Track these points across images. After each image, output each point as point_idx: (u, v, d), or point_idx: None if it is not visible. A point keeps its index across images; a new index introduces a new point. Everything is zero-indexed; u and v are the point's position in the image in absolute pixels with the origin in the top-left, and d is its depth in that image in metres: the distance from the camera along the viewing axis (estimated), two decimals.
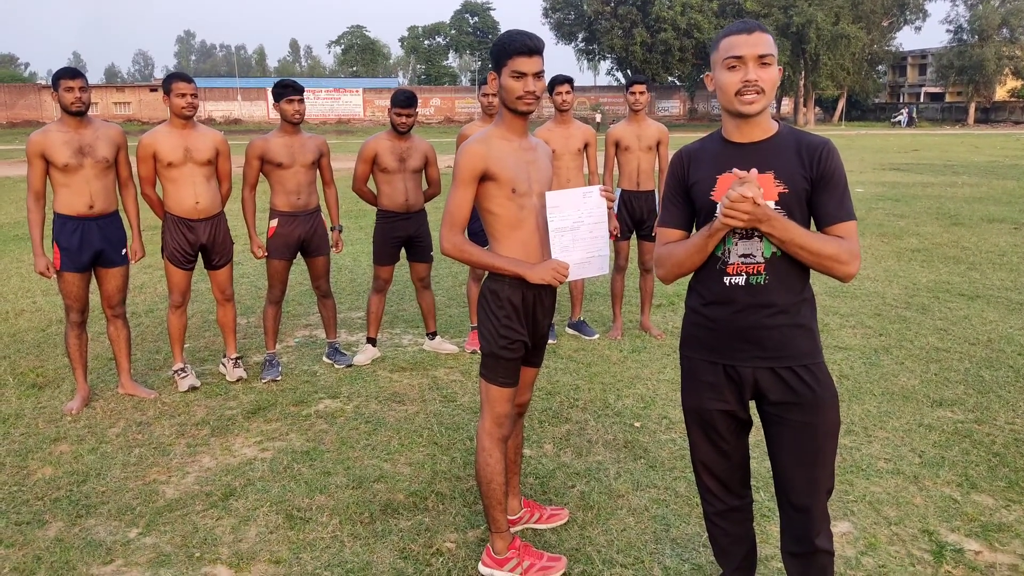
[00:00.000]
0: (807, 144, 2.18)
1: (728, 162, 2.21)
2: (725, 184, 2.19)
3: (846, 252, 2.12)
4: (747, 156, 2.19)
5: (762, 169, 2.14)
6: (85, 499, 3.52)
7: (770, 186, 2.15)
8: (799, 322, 2.22)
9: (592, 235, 2.75)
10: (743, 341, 2.24)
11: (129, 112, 56.85)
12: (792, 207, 2.15)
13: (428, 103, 62.35)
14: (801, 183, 2.15)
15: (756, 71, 2.12)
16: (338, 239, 5.37)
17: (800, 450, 2.24)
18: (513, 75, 2.65)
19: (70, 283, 4.48)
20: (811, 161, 2.16)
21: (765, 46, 2.12)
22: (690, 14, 53.03)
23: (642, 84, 5.69)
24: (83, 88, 4.33)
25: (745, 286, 2.21)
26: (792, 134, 2.23)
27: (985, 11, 57.52)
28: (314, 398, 4.75)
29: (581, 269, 2.76)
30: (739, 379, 2.27)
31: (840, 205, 2.16)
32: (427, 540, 3.16)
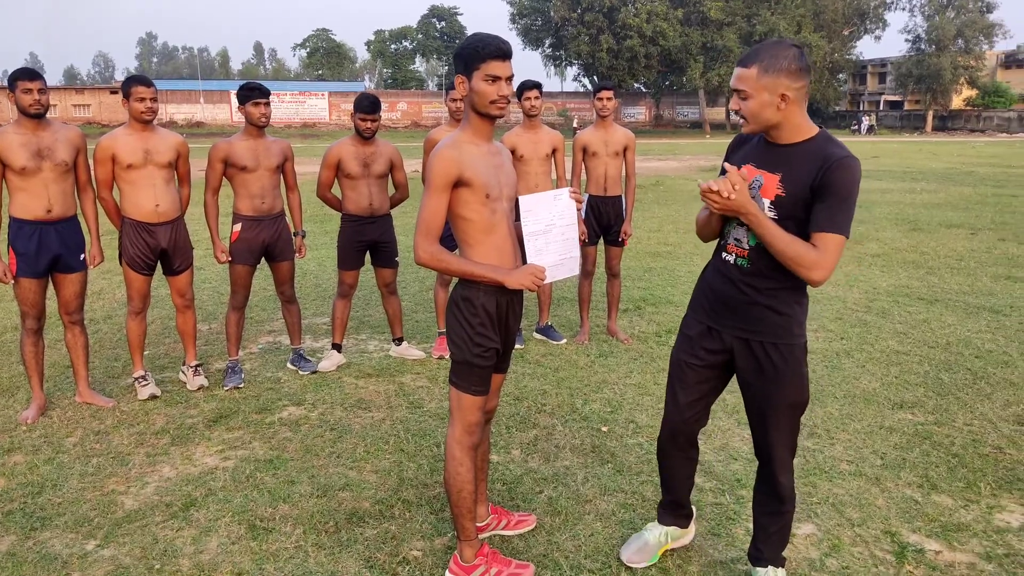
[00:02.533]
0: (825, 155, 2.33)
1: (756, 156, 2.50)
2: (749, 171, 2.49)
3: (809, 258, 2.30)
4: (770, 155, 2.46)
5: (774, 169, 2.41)
6: (40, 511, 3.42)
7: (772, 187, 2.41)
8: (775, 306, 2.49)
9: (564, 237, 2.78)
10: (726, 310, 2.59)
11: (89, 114, 55.82)
12: (787, 210, 2.38)
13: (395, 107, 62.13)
14: (804, 190, 2.33)
15: (736, 103, 2.44)
16: (301, 244, 5.31)
17: (759, 414, 2.62)
18: (487, 79, 2.62)
19: (26, 289, 4.36)
20: (820, 171, 2.31)
21: (738, 81, 2.39)
22: (655, 21, 53.50)
23: (609, 90, 5.72)
24: (42, 90, 4.23)
25: (735, 265, 2.54)
26: (822, 143, 2.38)
27: (941, 22, 58.96)
28: (278, 405, 4.69)
29: (555, 271, 2.78)
30: (720, 341, 2.63)
31: (828, 216, 2.30)
32: (393, 548, 3.13)
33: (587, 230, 5.84)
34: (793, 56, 2.31)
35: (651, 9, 54.17)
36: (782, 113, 2.36)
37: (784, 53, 2.32)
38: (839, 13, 57.18)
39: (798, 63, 2.32)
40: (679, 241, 10.48)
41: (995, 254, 9.46)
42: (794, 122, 2.39)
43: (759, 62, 2.32)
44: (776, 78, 2.31)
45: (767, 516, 2.75)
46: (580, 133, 5.88)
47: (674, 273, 8.33)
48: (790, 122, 2.39)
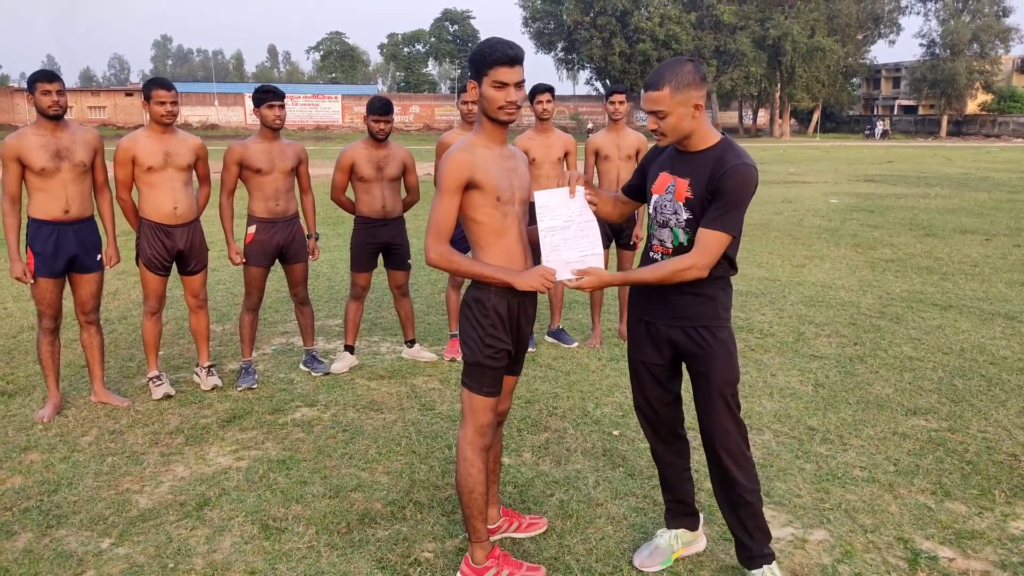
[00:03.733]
0: (720, 162, 2.59)
1: (670, 164, 2.75)
2: (661, 181, 2.76)
3: (683, 264, 2.60)
4: (680, 161, 2.72)
5: (684, 175, 2.68)
6: (56, 509, 3.46)
7: (683, 190, 2.67)
8: (701, 292, 2.71)
9: (583, 234, 2.72)
10: (660, 305, 2.79)
11: (104, 116, 56.25)
12: (696, 209, 2.64)
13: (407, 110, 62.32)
14: (704, 192, 2.61)
15: (654, 123, 2.65)
16: (315, 247, 5.34)
17: (700, 396, 2.78)
18: (495, 85, 2.63)
19: (44, 289, 4.41)
20: (714, 176, 2.58)
21: (653, 103, 2.59)
22: (668, 25, 53.46)
23: (622, 94, 5.73)
24: (60, 91, 4.27)
25: (662, 262, 2.73)
26: (721, 151, 2.62)
27: (956, 26, 58.61)
28: (291, 406, 4.71)
29: (573, 268, 2.70)
30: (657, 335, 2.83)
31: (714, 216, 2.58)
32: (405, 550, 3.14)
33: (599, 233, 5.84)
34: (693, 69, 2.55)
35: (664, 13, 54.15)
36: (696, 122, 2.60)
37: (686, 69, 2.54)
38: (853, 17, 56.96)
39: (699, 74, 2.56)
40: None
41: (1010, 260, 9.39)
42: (703, 129, 2.64)
43: (669, 82, 2.53)
44: (687, 92, 2.54)
45: (736, 510, 2.82)
46: (592, 136, 5.89)
47: None
48: (700, 129, 2.63)
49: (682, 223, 2.68)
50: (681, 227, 2.68)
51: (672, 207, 2.69)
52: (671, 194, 2.68)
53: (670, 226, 2.72)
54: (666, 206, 2.71)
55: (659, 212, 2.75)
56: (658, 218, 2.76)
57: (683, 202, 2.65)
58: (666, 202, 2.71)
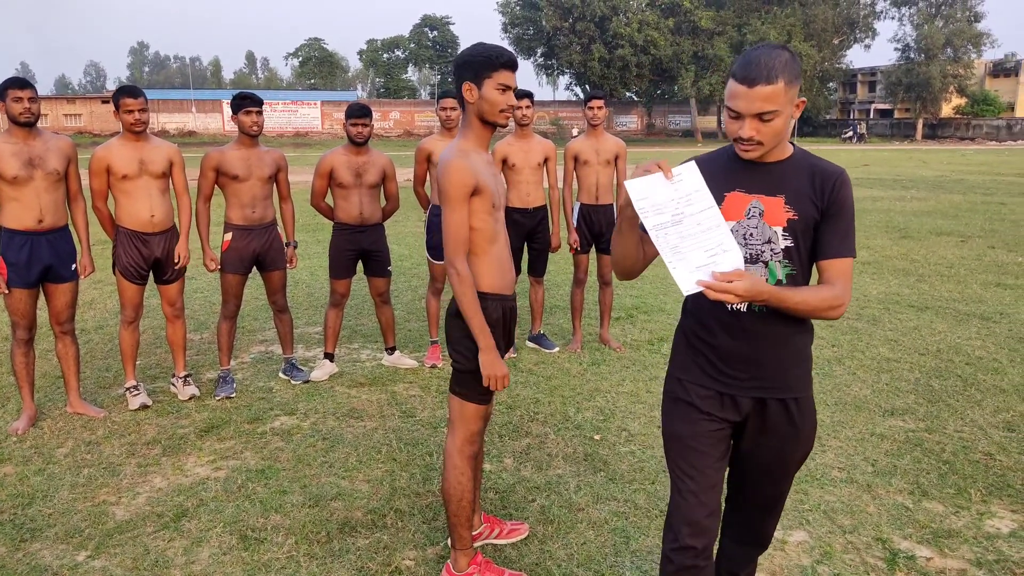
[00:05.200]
0: (821, 171, 2.11)
1: (738, 180, 2.15)
2: (733, 203, 2.14)
3: (831, 299, 2.05)
4: (758, 176, 2.13)
5: (773, 192, 2.11)
6: (30, 522, 3.40)
7: (779, 211, 2.10)
8: (797, 354, 2.20)
9: (705, 227, 2.05)
10: (744, 368, 2.18)
11: (80, 124, 55.67)
12: (798, 235, 2.10)
13: (387, 116, 62.20)
14: (811, 211, 2.09)
15: (754, 127, 2.03)
16: (293, 255, 5.31)
17: (763, 471, 2.29)
18: (499, 88, 2.63)
19: (18, 300, 4.35)
20: (823, 189, 2.09)
21: (767, 101, 1.99)
22: (647, 31, 53.76)
23: (600, 99, 5.75)
24: (32, 99, 4.23)
25: (748, 313, 2.14)
26: (806, 159, 2.15)
27: (930, 31, 59.43)
28: (270, 415, 4.68)
29: (706, 271, 2.01)
30: (735, 407, 2.20)
31: (843, 239, 2.09)
32: (385, 558, 3.12)
33: (579, 238, 5.86)
34: (792, 57, 2.04)
35: (642, 19, 54.45)
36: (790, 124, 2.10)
37: (789, 57, 2.02)
38: (829, 23, 57.55)
39: (799, 64, 2.06)
40: None
41: (985, 261, 9.51)
42: (786, 136, 2.11)
43: (783, 74, 1.98)
44: (797, 87, 2.04)
45: (742, 564, 2.53)
46: (571, 142, 5.91)
47: (666, 281, 8.34)
48: (787, 137, 2.12)
49: (779, 254, 2.12)
50: (778, 260, 2.12)
51: (763, 235, 2.12)
52: (757, 218, 2.13)
53: (762, 260, 2.13)
54: (752, 235, 2.13)
55: (743, 244, 2.13)
56: (743, 250, 2.12)
57: (784, 226, 2.10)
58: (751, 229, 2.13)
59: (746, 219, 2.13)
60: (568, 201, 5.92)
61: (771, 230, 2.11)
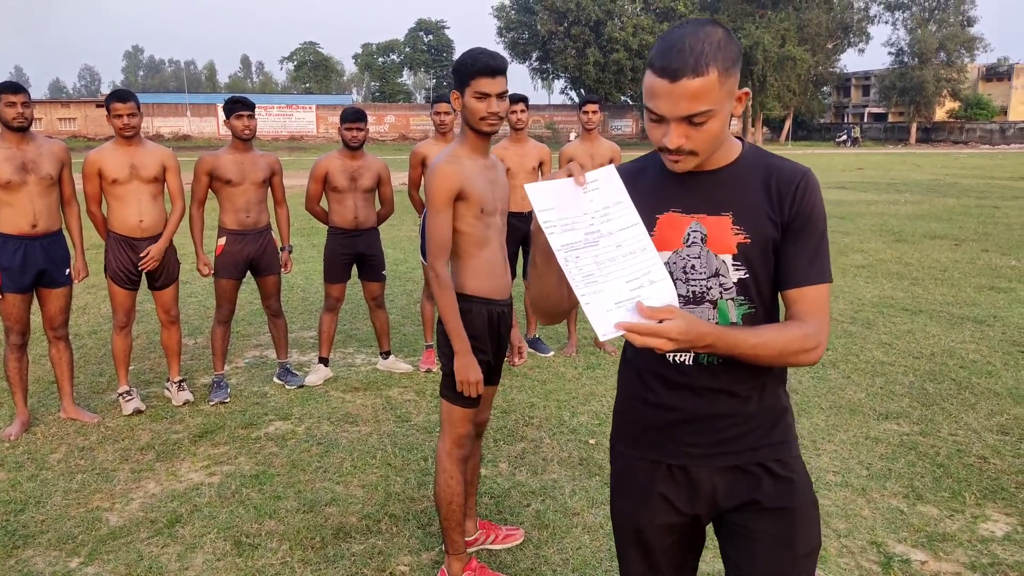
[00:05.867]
0: (779, 174, 1.63)
1: (672, 196, 1.67)
2: (668, 228, 1.66)
3: (803, 339, 1.57)
4: (697, 189, 1.65)
5: (717, 209, 1.63)
6: (23, 529, 3.39)
7: (726, 233, 1.62)
8: (769, 405, 1.70)
9: (624, 251, 1.54)
10: (695, 433, 1.68)
11: (75, 128, 55.53)
12: (754, 262, 1.62)
13: (382, 120, 62.14)
14: (767, 228, 1.61)
15: (681, 134, 1.55)
16: (287, 260, 5.30)
17: (771, 571, 1.66)
18: (476, 96, 2.65)
19: (11, 304, 4.33)
20: (783, 197, 1.61)
21: (696, 100, 1.51)
22: (641, 35, 53.88)
23: (595, 103, 5.77)
24: (25, 103, 4.22)
25: (695, 365, 1.66)
26: (759, 159, 1.67)
27: (923, 35, 59.70)
28: (264, 420, 4.66)
29: (628, 308, 1.48)
30: (690, 483, 1.71)
31: (813, 261, 1.60)
32: (380, 564, 3.11)
33: None
34: (727, 37, 1.55)
35: (637, 23, 54.60)
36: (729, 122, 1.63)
37: (724, 35, 1.54)
38: (823, 27, 57.74)
39: (737, 47, 1.58)
40: None
41: (978, 265, 9.54)
42: (727, 134, 1.63)
43: (717, 60, 1.50)
44: (735, 75, 1.56)
45: None
46: (566, 146, 5.92)
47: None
48: (727, 136, 1.64)
49: (731, 289, 1.63)
50: (731, 297, 1.63)
51: (709, 266, 1.63)
52: (699, 245, 1.64)
53: (708, 300, 1.64)
54: (694, 267, 1.64)
55: (683, 280, 1.65)
56: (678, 289, 1.63)
57: (732, 254, 1.62)
58: (692, 261, 1.64)
59: (685, 247, 1.65)
60: None
61: (718, 259, 1.63)
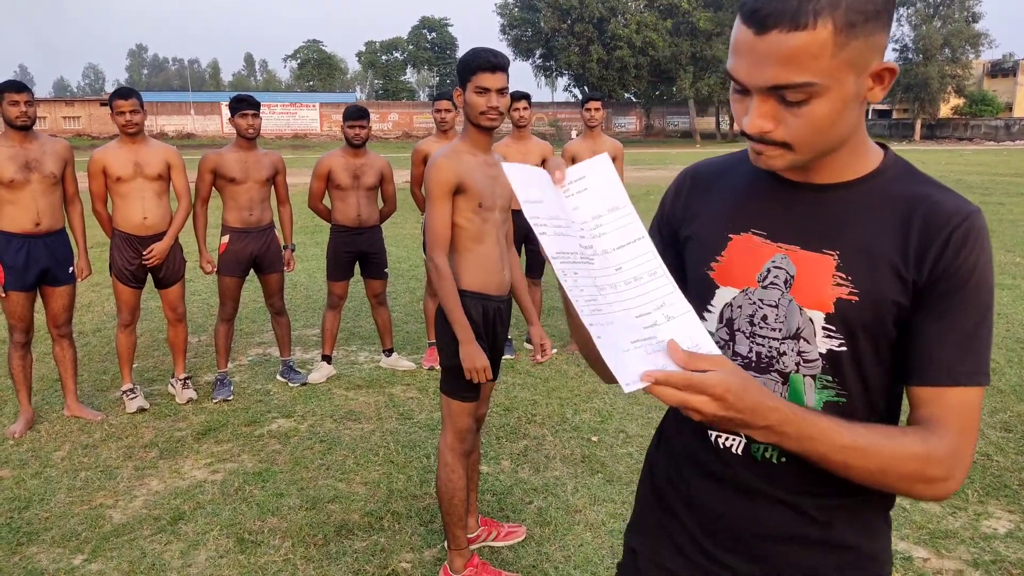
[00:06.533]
0: (929, 211, 1.12)
1: (755, 211, 1.18)
2: (740, 254, 1.17)
3: (933, 461, 1.06)
4: (794, 208, 1.15)
5: (817, 242, 1.11)
6: (27, 526, 3.40)
7: (822, 281, 1.10)
8: (854, 543, 1.18)
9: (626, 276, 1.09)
10: (734, 552, 1.21)
11: (79, 127, 55.66)
12: (856, 328, 1.09)
13: (386, 118, 62.18)
14: (890, 287, 1.08)
15: (770, 116, 1.06)
16: (290, 258, 5.31)
17: None
18: (477, 91, 2.70)
19: (15, 303, 4.35)
20: (927, 246, 1.08)
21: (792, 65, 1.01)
22: (645, 32, 53.80)
23: (597, 101, 5.77)
24: (29, 102, 4.23)
25: (745, 457, 1.18)
26: (905, 182, 1.16)
27: (928, 32, 59.50)
28: (267, 418, 4.67)
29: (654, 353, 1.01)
30: None
31: (963, 350, 1.07)
32: (382, 561, 3.12)
33: None
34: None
35: (640, 20, 54.50)
36: (860, 112, 1.10)
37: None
38: None
39: None
40: None
41: None
42: (860, 136, 1.14)
43: (833, 8, 0.98)
44: (870, 36, 1.02)
45: None
46: (569, 143, 5.93)
47: None
48: (859, 133, 1.13)
49: (814, 363, 1.14)
50: (812, 373, 1.14)
51: (788, 321, 1.15)
52: (781, 289, 1.15)
53: (776, 369, 1.16)
54: (766, 319, 1.16)
55: (747, 334, 1.19)
56: (738, 346, 1.20)
57: (828, 312, 1.12)
58: (765, 309, 1.17)
59: (760, 287, 1.15)
60: None
61: (803, 315, 1.12)
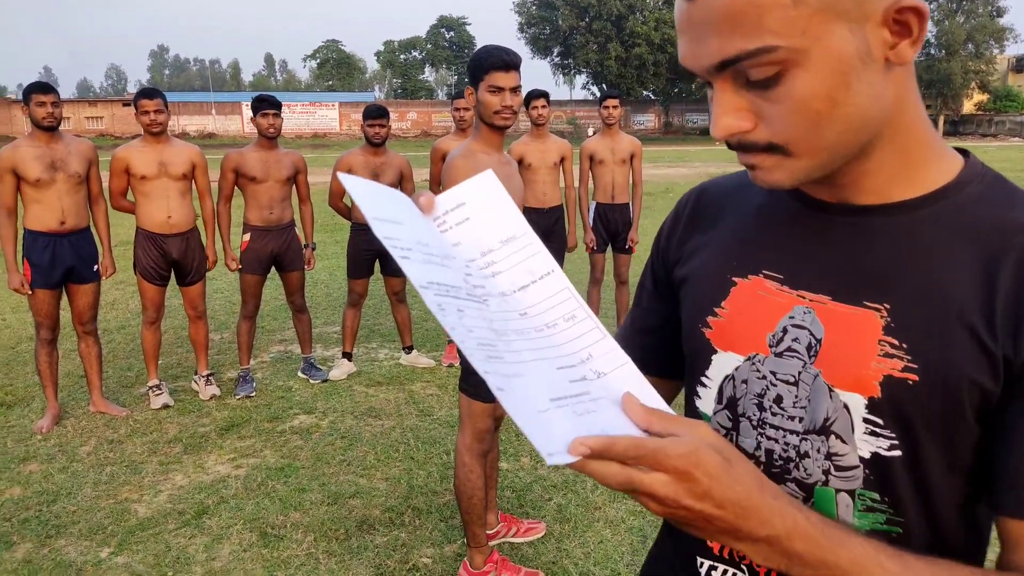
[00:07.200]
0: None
1: (769, 245, 0.87)
2: (746, 305, 0.86)
3: None
4: (829, 244, 0.83)
5: (856, 292, 0.79)
6: (55, 519, 3.46)
7: (864, 348, 0.77)
8: None
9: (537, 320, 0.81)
10: None
11: (102, 127, 56.31)
12: (915, 422, 0.75)
13: (405, 117, 62.39)
14: (971, 361, 0.73)
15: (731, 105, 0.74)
16: (311, 256, 5.36)
17: None
18: (490, 90, 2.68)
19: (41, 300, 4.42)
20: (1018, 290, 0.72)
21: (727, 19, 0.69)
22: (664, 29, 53.59)
23: (615, 98, 5.76)
24: (55, 103, 4.30)
25: None
26: (990, 204, 0.83)
27: (951, 27, 58.79)
28: (289, 414, 4.72)
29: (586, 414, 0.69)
30: None
31: None
32: (403, 556, 3.14)
33: (596, 238, 5.87)
34: None
35: (659, 17, 54.28)
36: (885, 87, 0.74)
37: None
38: None
39: None
40: None
41: None
42: (918, 131, 0.83)
43: None
44: None
45: None
46: (587, 141, 5.93)
47: None
48: (912, 127, 0.81)
49: (854, 476, 0.77)
50: (849, 490, 0.78)
51: (813, 407, 0.79)
52: (802, 356, 0.80)
53: (794, 480, 0.81)
54: (780, 401, 0.82)
55: (754, 422, 0.85)
56: (742, 439, 0.86)
57: (872, 396, 0.74)
58: (779, 387, 0.82)
59: (772, 354, 0.83)
60: (584, 200, 5.93)
61: (835, 399, 0.79)
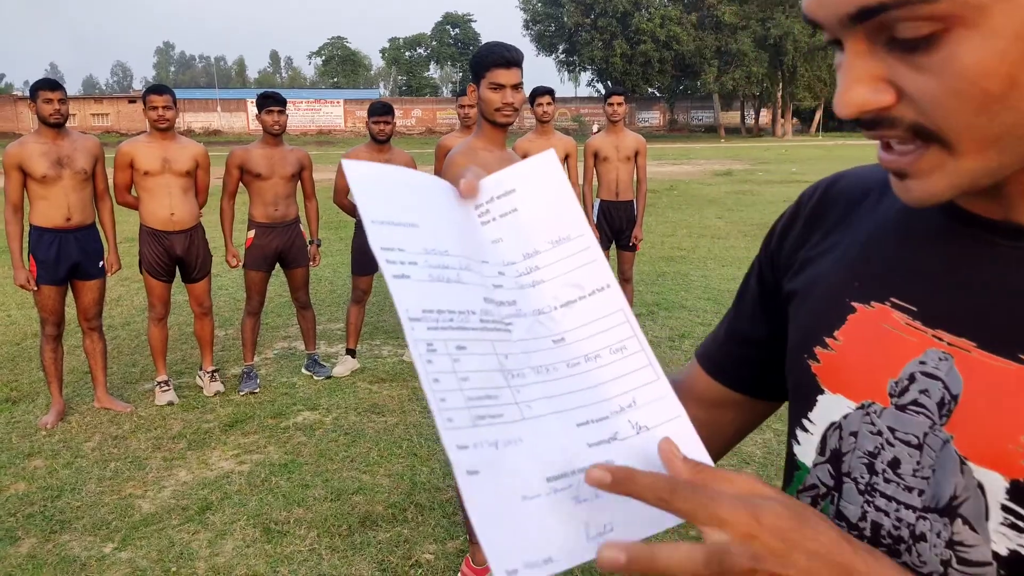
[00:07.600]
0: None
1: (904, 268, 0.63)
2: (865, 341, 0.62)
3: None
4: (980, 275, 0.57)
5: (1011, 341, 0.53)
6: (59, 514, 3.48)
7: (1010, 415, 0.52)
8: None
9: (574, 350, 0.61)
10: None
11: (108, 123, 56.46)
12: None
13: (409, 114, 62.41)
14: None
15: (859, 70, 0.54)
16: (316, 253, 5.37)
17: None
18: (491, 87, 2.68)
19: (46, 296, 4.44)
20: None
21: None
22: (669, 26, 53.51)
23: (620, 95, 5.76)
24: (62, 100, 4.32)
25: None
26: None
27: None
28: (293, 410, 4.73)
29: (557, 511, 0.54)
30: None
31: None
32: (406, 552, 3.15)
33: (599, 235, 5.87)
34: None
35: (664, 14, 54.22)
36: None
37: None
38: None
39: None
40: (692, 246, 10.46)
41: None
42: None
43: None
44: None
45: None
46: (591, 138, 5.93)
47: (687, 278, 8.32)
48: None
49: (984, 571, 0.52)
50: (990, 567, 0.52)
51: (939, 479, 0.55)
52: (932, 413, 0.56)
53: (906, 563, 0.56)
54: (897, 465, 0.57)
55: (860, 486, 0.60)
56: (844, 503, 0.61)
57: (1013, 480, 0.51)
58: (899, 448, 0.57)
59: (893, 405, 0.59)
60: (588, 198, 5.93)
61: (968, 474, 0.54)
